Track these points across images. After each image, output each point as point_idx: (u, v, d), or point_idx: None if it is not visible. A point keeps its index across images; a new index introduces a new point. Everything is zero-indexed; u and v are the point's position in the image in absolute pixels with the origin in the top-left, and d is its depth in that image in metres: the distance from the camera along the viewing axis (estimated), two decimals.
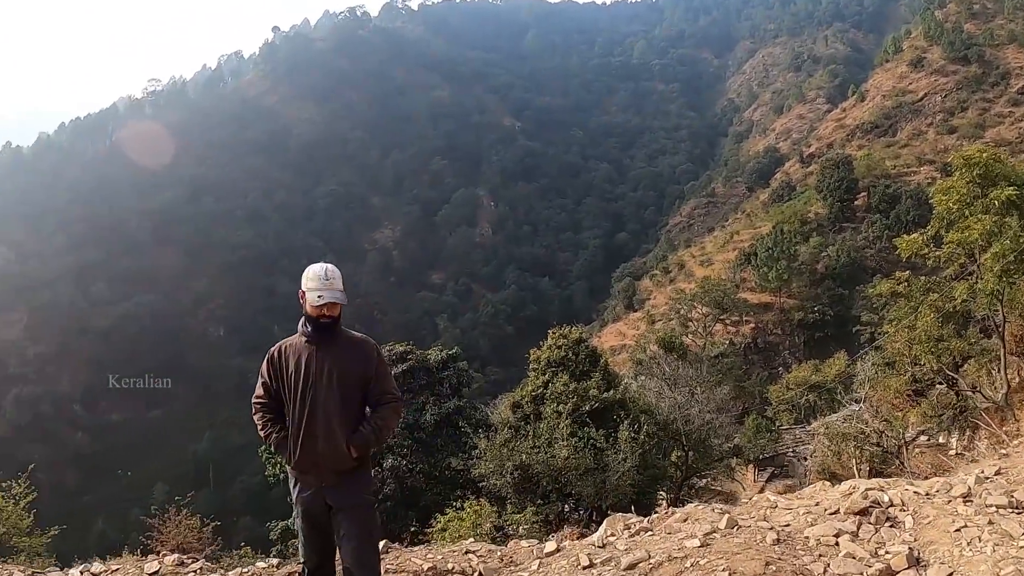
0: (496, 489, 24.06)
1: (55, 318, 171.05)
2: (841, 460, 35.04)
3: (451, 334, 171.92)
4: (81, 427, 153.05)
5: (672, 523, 9.58)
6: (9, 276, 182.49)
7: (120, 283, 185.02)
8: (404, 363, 31.87)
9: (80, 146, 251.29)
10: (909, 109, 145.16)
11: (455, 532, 19.96)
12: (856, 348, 74.90)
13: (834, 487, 10.34)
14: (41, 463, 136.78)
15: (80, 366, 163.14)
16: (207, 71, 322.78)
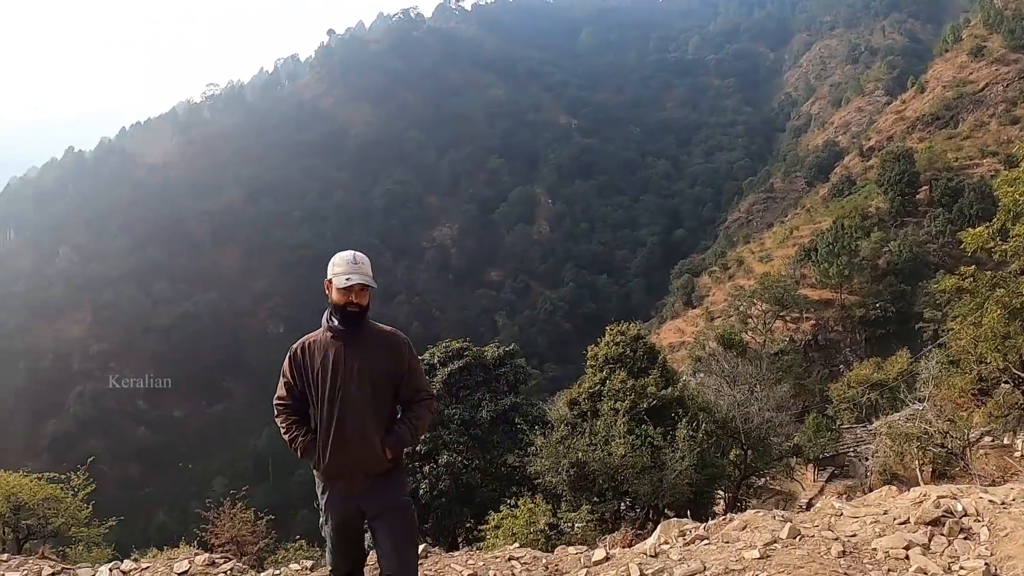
0: (551, 487, 24.02)
1: (118, 317, 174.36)
2: (904, 462, 34.34)
3: (509, 331, 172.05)
4: (143, 422, 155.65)
5: (730, 531, 9.02)
6: (73, 276, 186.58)
7: (181, 282, 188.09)
8: (460, 360, 31.92)
9: (141, 149, 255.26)
10: (970, 100, 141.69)
11: (508, 530, 19.86)
12: (919, 345, 73.58)
13: (902, 493, 9.55)
14: (105, 456, 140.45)
15: (142, 363, 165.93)
16: (264, 74, 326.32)
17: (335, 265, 6.53)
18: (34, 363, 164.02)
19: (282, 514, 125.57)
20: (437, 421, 30.37)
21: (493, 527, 20.70)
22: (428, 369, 32.39)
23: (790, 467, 36.79)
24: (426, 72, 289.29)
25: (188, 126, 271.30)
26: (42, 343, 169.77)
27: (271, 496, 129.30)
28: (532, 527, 19.58)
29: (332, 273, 6.51)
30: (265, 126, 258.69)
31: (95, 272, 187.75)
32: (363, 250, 6.58)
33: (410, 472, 29.41)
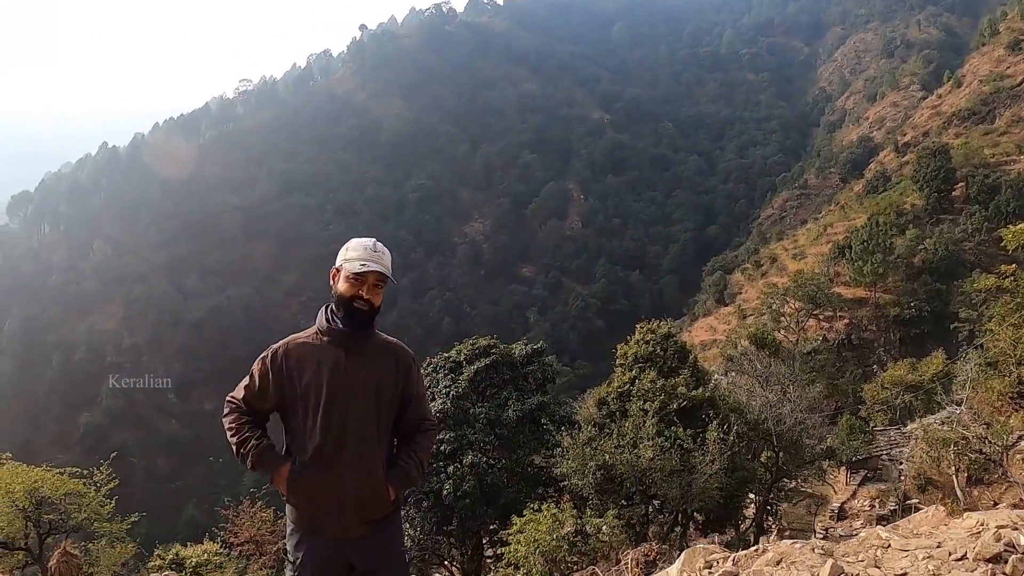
0: (578, 489, 23.65)
1: (149, 310, 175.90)
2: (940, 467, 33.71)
3: (541, 327, 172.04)
4: (174, 415, 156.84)
5: (763, 567, 7.93)
6: (106, 270, 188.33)
7: (212, 276, 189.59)
8: (487, 357, 31.53)
9: (174, 144, 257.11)
10: (1008, 95, 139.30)
11: (531, 536, 19.46)
12: (954, 346, 72.63)
13: (956, 520, 8.62)
14: (135, 449, 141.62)
15: (173, 356, 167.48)
16: (297, 70, 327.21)
17: (349, 250, 5.35)
18: (67, 356, 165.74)
19: None
20: (463, 420, 30.06)
21: (516, 531, 20.31)
22: (454, 367, 32.11)
23: (822, 470, 36.29)
24: (458, 66, 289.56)
25: (221, 121, 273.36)
26: (75, 336, 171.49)
27: None
28: (555, 534, 19.15)
29: (343, 259, 5.33)
30: (298, 121, 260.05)
31: (128, 266, 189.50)
32: (395, 245, 5.97)
33: (434, 472, 29.10)
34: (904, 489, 40.05)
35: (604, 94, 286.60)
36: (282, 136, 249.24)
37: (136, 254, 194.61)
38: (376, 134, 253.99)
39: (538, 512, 20.42)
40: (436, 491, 28.66)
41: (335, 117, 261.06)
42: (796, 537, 39.71)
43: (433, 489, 28.82)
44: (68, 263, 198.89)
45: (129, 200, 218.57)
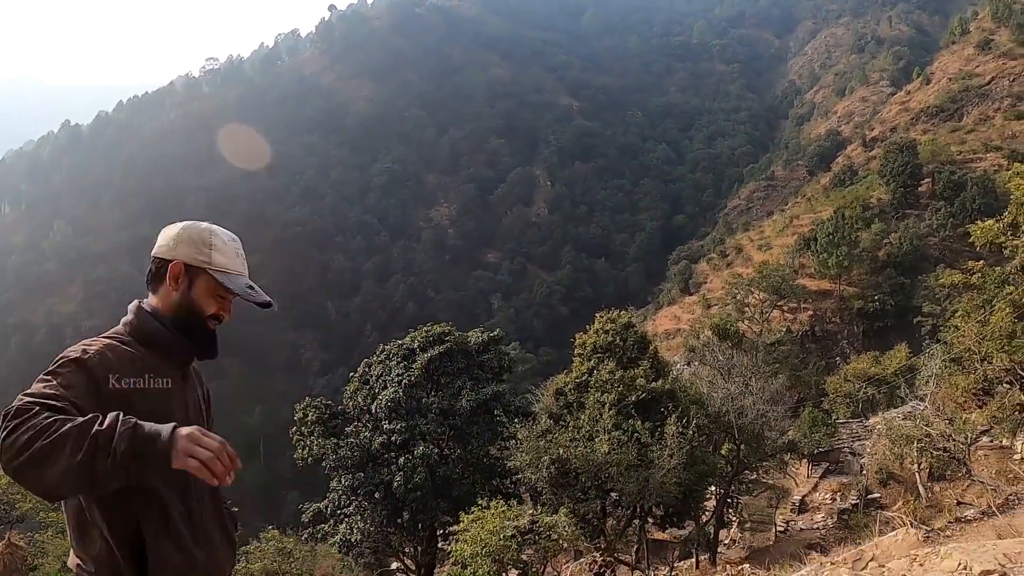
0: (532, 483, 22.92)
1: (110, 292, 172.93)
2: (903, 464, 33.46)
3: (505, 314, 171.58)
4: None
5: None
6: (67, 250, 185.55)
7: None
8: (442, 345, 30.74)
9: (138, 123, 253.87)
10: (976, 93, 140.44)
11: (477, 534, 18.64)
12: (917, 340, 72.81)
13: (932, 557, 7.81)
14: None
15: None
16: (264, 49, 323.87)
17: (216, 248, 3.74)
18: (27, 338, 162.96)
19: (271, 495, 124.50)
20: (415, 409, 29.27)
21: (462, 530, 19.48)
22: (408, 354, 31.30)
23: (784, 462, 36.00)
24: (428, 50, 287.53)
25: (186, 100, 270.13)
26: (35, 318, 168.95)
27: (261, 476, 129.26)
28: (503, 533, 18.33)
29: (208, 258, 3.71)
30: (264, 101, 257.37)
31: (89, 246, 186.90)
32: (360, 229, 4.88)
33: (384, 464, 28.31)
34: (866, 483, 39.68)
35: (574, 81, 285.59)
36: (248, 116, 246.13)
37: (97, 234, 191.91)
38: (343, 117, 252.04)
39: (486, 509, 19.60)
40: (387, 483, 27.84)
41: (302, 98, 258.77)
42: (757, 530, 39.39)
43: (384, 481, 28.01)
44: (29, 243, 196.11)
45: (91, 179, 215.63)
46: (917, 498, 31.94)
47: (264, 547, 29.73)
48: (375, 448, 28.95)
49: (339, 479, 30.12)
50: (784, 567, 20.69)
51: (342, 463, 29.33)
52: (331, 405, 32.57)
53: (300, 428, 32.29)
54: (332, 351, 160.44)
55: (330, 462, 30.00)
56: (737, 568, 18.67)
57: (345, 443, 29.56)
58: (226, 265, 3.77)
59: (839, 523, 36.43)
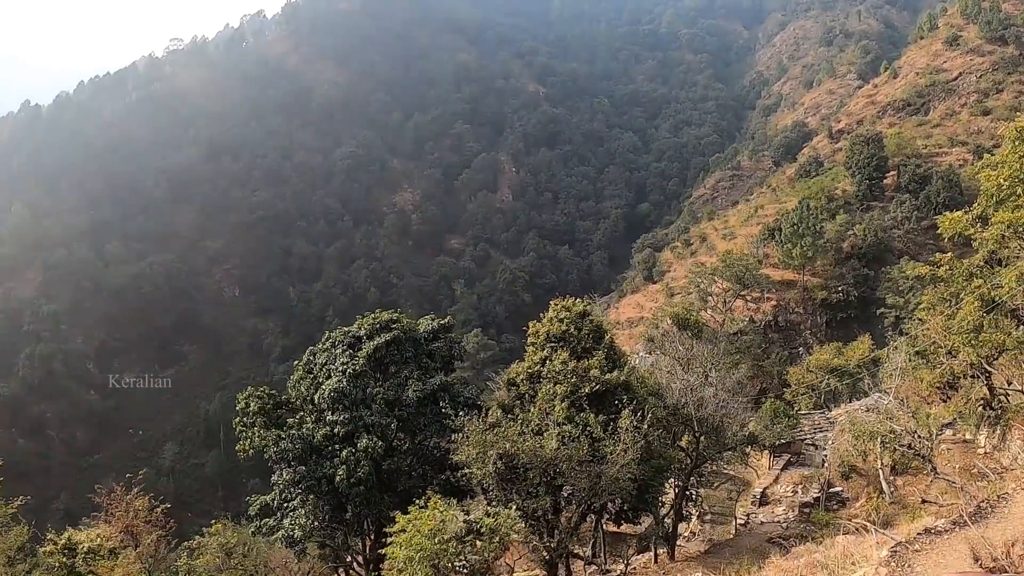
0: (478, 479, 21.83)
1: (69, 276, 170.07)
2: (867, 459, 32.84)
3: (467, 300, 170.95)
4: (93, 386, 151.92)
5: None
6: (25, 234, 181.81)
7: (135, 242, 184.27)
8: (388, 333, 29.49)
9: (99, 104, 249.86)
10: (943, 88, 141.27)
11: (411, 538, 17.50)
12: (880, 331, 72.56)
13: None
14: (53, 421, 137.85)
15: (93, 325, 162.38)
16: (229, 31, 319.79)
17: None
18: None
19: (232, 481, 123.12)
20: (360, 400, 28.05)
21: (399, 530, 18.30)
22: (354, 342, 30.06)
23: (745, 454, 35.35)
24: (395, 33, 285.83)
25: (149, 81, 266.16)
26: None
27: (221, 463, 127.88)
28: (439, 536, 17.19)
29: None
30: (228, 83, 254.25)
31: (48, 230, 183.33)
32: (323, 213, 3.91)
33: (327, 456, 27.13)
34: (828, 476, 39.02)
35: (541, 67, 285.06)
36: (211, 99, 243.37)
37: (57, 218, 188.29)
38: (307, 100, 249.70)
39: (423, 509, 18.46)
40: (329, 476, 26.64)
41: (266, 81, 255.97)
42: (717, 523, 38.64)
43: (326, 474, 26.79)
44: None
45: (51, 161, 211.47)
46: (880, 494, 31.29)
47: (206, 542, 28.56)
48: (318, 440, 27.78)
49: (280, 472, 28.96)
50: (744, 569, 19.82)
51: (283, 456, 28.13)
52: (274, 395, 31.31)
53: (242, 419, 31.09)
54: (293, 337, 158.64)
55: (271, 454, 28.81)
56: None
57: (287, 435, 28.36)
58: None
59: (800, 516, 35.74)
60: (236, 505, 72.40)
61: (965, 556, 9.79)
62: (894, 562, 10.27)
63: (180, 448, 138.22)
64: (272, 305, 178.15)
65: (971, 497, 16.19)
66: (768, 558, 20.68)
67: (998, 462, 26.11)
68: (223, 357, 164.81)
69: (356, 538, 29.87)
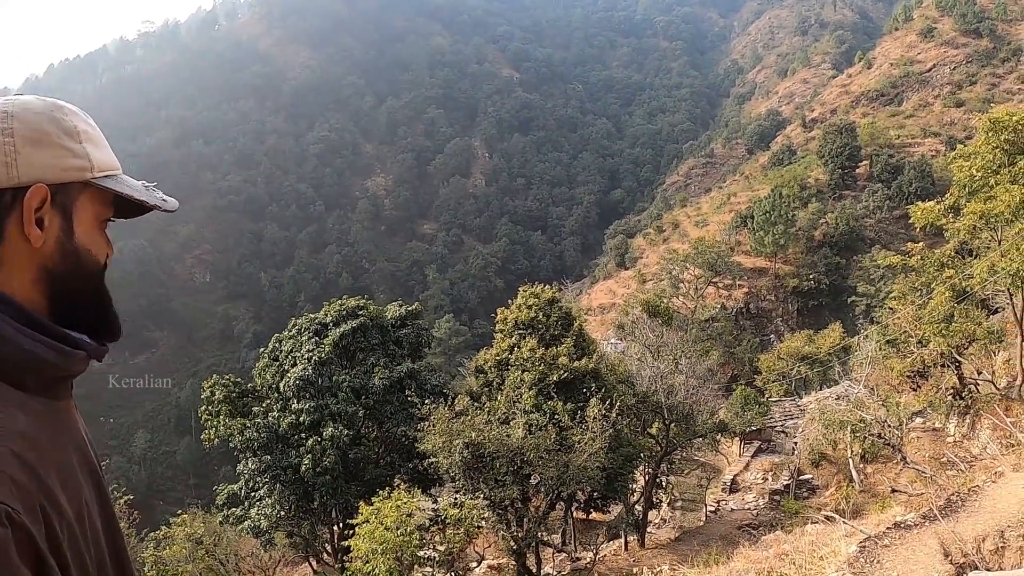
0: (444, 469, 21.54)
1: None
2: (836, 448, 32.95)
3: (440, 285, 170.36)
4: None
5: None
6: None
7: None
8: (355, 319, 29.11)
9: (69, 88, 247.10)
10: (916, 79, 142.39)
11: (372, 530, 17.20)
12: (851, 319, 73.01)
13: None
14: None
15: None
16: (202, 13, 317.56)
17: (88, 137, 1.94)
18: None
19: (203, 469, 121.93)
20: (325, 388, 27.68)
21: (363, 520, 18.01)
22: (320, 329, 29.68)
23: (716, 441, 35.38)
24: (369, 16, 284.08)
25: (119, 64, 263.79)
26: None
27: (193, 451, 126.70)
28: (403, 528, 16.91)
29: (88, 158, 1.91)
30: (200, 66, 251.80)
31: None
32: (295, 198, 3.44)
33: (293, 446, 26.77)
34: (798, 464, 39.15)
35: (515, 52, 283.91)
36: (182, 81, 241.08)
37: None
38: (280, 83, 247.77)
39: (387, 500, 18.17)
40: (295, 466, 26.28)
41: (239, 64, 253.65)
42: (688, 509, 38.68)
43: (292, 463, 26.42)
44: None
45: None
46: (850, 482, 31.42)
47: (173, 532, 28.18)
48: (283, 429, 27.38)
49: (247, 461, 28.60)
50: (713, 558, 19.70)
51: (249, 445, 27.71)
52: (240, 383, 30.92)
53: (208, 407, 30.73)
54: (265, 322, 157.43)
55: (237, 443, 28.44)
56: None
57: (252, 423, 27.98)
58: (109, 163, 1.98)
59: (771, 504, 35.85)
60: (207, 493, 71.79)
61: (935, 551, 9.62)
62: (863, 558, 10.09)
63: (152, 436, 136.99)
64: (243, 291, 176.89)
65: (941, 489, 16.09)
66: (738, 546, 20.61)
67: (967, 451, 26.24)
68: (194, 343, 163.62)
69: (324, 527, 29.61)
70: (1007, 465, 14.14)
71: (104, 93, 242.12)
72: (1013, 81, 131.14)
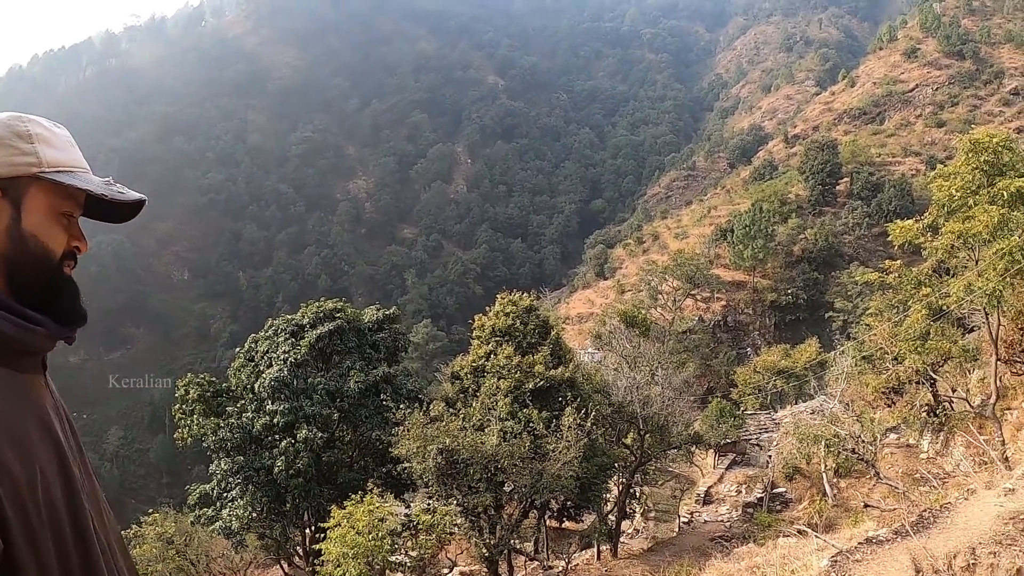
0: (418, 474, 21.47)
1: None
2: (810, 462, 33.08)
3: (418, 290, 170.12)
4: None
5: None
6: None
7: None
8: (332, 322, 28.97)
9: (53, 79, 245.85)
10: (899, 99, 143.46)
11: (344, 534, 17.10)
12: (828, 334, 73.43)
13: None
14: None
15: None
16: (189, 8, 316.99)
17: (41, 139, 2.18)
18: None
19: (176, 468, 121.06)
20: (301, 390, 27.53)
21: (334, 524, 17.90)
22: (296, 330, 29.50)
23: (690, 452, 35.43)
24: (356, 18, 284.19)
25: (104, 57, 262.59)
26: None
27: (167, 449, 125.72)
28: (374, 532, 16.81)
29: (37, 155, 2.16)
30: (184, 62, 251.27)
31: None
32: (276, 198, 3.40)
33: (266, 447, 26.59)
34: (772, 477, 39.27)
35: (501, 59, 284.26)
36: (167, 77, 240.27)
37: None
38: (264, 82, 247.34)
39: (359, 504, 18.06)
40: (267, 467, 26.09)
41: (224, 61, 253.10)
42: (661, 520, 38.71)
43: (265, 465, 26.22)
44: None
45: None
46: (823, 496, 31.56)
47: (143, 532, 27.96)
48: (257, 430, 27.18)
49: (219, 462, 28.40)
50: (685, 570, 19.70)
51: (222, 445, 27.48)
52: (215, 382, 30.67)
53: (182, 406, 30.49)
54: (242, 322, 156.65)
55: (210, 443, 28.22)
56: None
57: (226, 424, 27.78)
58: (64, 161, 2.21)
59: (744, 516, 35.96)
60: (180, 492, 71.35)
61: (907, 567, 9.63)
62: (835, 572, 10.09)
63: (125, 433, 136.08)
64: (221, 289, 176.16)
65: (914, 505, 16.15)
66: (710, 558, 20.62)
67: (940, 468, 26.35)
68: (171, 341, 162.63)
69: (296, 530, 29.41)
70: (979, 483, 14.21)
71: (87, 86, 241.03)
72: (994, 103, 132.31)
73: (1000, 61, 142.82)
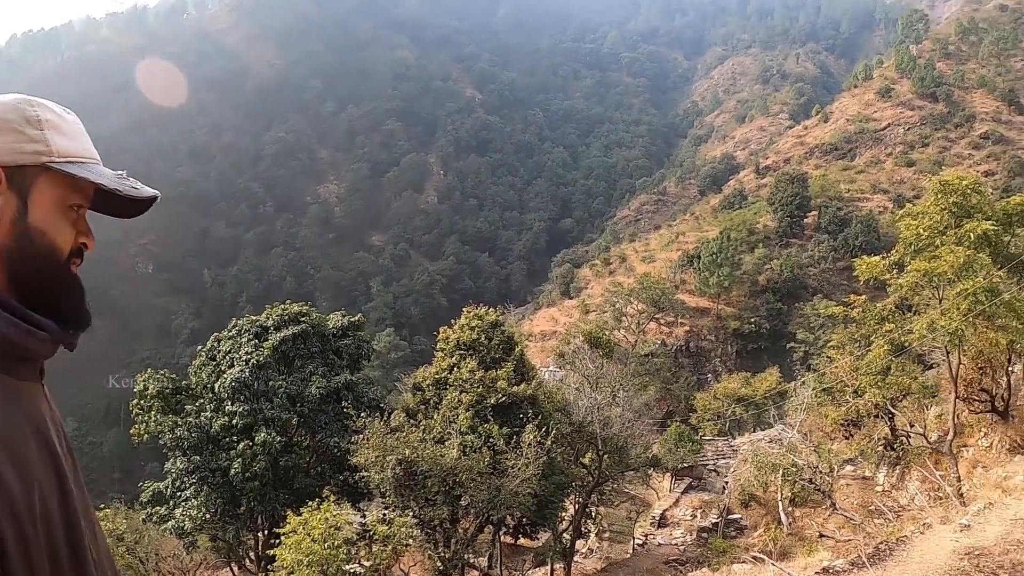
0: (376, 483, 21.37)
1: None
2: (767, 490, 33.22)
3: (383, 298, 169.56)
4: None
5: None
6: None
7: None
8: (296, 326, 28.78)
9: (30, 60, 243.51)
10: (871, 136, 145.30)
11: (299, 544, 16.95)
12: (788, 364, 73.86)
13: None
14: None
15: None
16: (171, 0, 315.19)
17: (52, 125, 2.00)
18: None
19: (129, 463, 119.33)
20: (261, 392, 27.28)
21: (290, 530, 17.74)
22: (260, 332, 29.25)
23: (647, 475, 35.50)
24: (338, 21, 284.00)
25: (83, 42, 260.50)
26: None
27: (121, 443, 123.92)
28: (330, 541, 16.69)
29: (47, 142, 1.97)
30: (163, 53, 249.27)
31: None
32: (246, 197, 3.28)
33: (223, 448, 26.32)
34: (728, 503, 39.37)
35: (480, 73, 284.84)
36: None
37: None
38: (242, 79, 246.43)
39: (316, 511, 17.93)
40: (224, 469, 25.82)
41: (203, 55, 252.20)
42: (615, 541, 38.73)
43: (221, 466, 25.95)
44: None
45: None
46: (778, 525, 31.71)
47: None
48: (215, 430, 26.88)
49: (175, 460, 28.05)
50: None
51: (179, 443, 27.14)
52: (175, 379, 30.31)
53: (140, 401, 30.08)
54: (204, 320, 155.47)
55: (167, 441, 27.87)
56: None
57: (184, 422, 27.47)
58: (75, 150, 2.04)
59: (698, 541, 35.98)
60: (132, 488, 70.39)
61: None
62: None
63: (79, 425, 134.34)
64: (185, 285, 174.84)
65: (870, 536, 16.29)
66: None
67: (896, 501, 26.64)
68: (130, 334, 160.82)
69: (249, 534, 29.09)
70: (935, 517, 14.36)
71: (65, 70, 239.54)
72: (964, 146, 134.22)
73: (972, 105, 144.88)
